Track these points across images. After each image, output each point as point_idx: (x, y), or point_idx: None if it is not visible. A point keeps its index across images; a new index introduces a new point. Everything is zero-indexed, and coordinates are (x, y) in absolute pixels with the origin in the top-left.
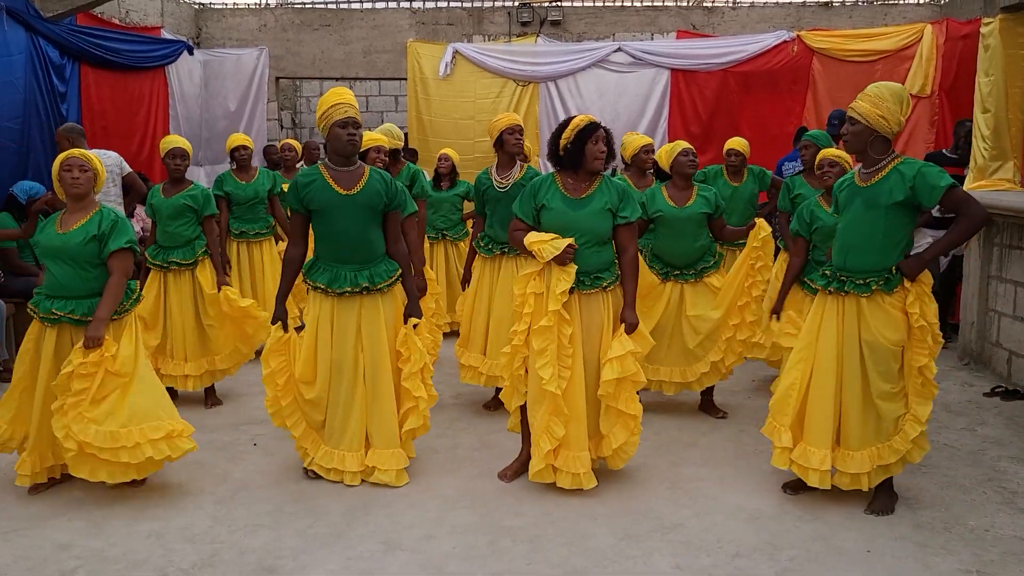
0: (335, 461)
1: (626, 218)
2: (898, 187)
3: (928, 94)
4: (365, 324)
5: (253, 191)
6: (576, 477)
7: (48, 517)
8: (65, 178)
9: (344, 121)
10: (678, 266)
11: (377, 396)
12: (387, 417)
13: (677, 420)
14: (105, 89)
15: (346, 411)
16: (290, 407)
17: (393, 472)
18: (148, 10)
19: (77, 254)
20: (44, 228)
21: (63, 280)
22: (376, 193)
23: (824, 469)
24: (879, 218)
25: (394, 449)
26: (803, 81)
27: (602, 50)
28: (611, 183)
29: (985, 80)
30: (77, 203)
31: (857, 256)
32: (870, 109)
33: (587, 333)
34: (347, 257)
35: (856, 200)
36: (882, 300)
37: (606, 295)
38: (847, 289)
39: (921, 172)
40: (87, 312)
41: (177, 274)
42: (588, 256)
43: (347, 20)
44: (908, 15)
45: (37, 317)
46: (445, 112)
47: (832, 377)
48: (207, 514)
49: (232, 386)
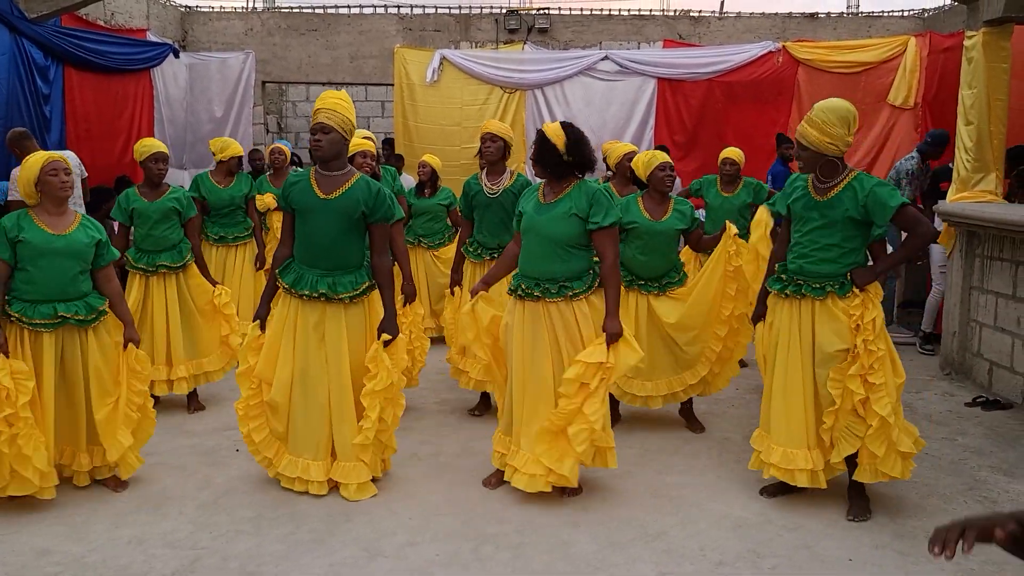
0: (299, 470)
1: (597, 223)
2: (852, 204)
3: (912, 105)
4: (328, 333)
5: (229, 196)
6: (531, 479)
7: (27, 522)
8: (54, 182)
9: (314, 127)
10: (643, 277)
11: (339, 407)
12: (348, 429)
13: (661, 429)
14: (89, 91)
15: (309, 418)
16: (256, 408)
17: (353, 486)
18: (134, 12)
19: (83, 254)
20: (26, 228)
21: (59, 282)
22: (354, 201)
23: (811, 468)
24: (836, 232)
25: (355, 462)
26: (788, 91)
27: (589, 58)
28: (585, 189)
29: (968, 93)
30: (59, 207)
31: (813, 264)
32: (818, 136)
33: (554, 344)
34: (316, 261)
35: (813, 214)
36: (833, 303)
37: (579, 304)
38: (804, 292)
39: (873, 191)
40: (88, 312)
41: (162, 277)
42: (550, 263)
43: (334, 25)
44: (892, 27)
45: (25, 325)
46: (432, 118)
47: (799, 377)
48: (189, 519)
49: (215, 391)
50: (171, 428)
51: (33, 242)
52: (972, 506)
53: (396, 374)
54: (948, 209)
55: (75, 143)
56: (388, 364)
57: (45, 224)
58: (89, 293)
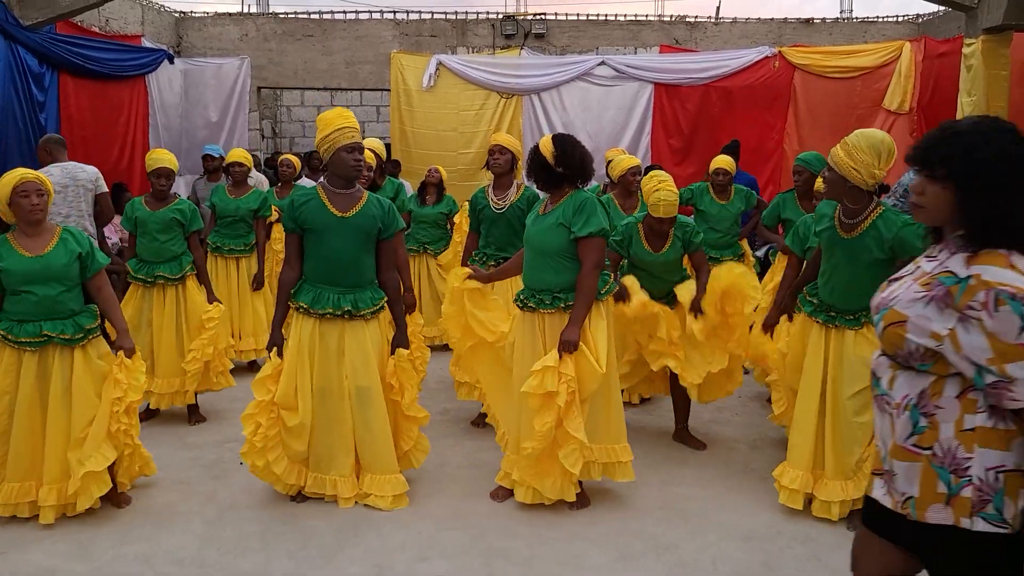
0: (327, 487)
1: (575, 232)
2: (877, 245)
3: (907, 110)
4: (349, 350)
5: (235, 207)
6: (533, 492)
7: (31, 540)
8: (23, 204)
9: (351, 146)
10: (654, 296)
11: (368, 423)
12: (381, 443)
13: (666, 438)
14: (84, 98)
15: (333, 437)
16: (275, 439)
17: (389, 497)
18: (128, 18)
19: (63, 275)
20: (3, 256)
21: (45, 303)
22: (371, 218)
23: (793, 488)
24: (861, 270)
25: (391, 475)
26: (784, 96)
27: (586, 63)
28: (575, 198)
29: (967, 100)
30: (35, 228)
31: (845, 298)
32: (844, 159)
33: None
34: (334, 280)
35: (838, 250)
36: (869, 331)
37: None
38: (837, 323)
39: (901, 235)
40: (75, 331)
41: (162, 289)
42: (543, 273)
43: (330, 31)
44: (887, 33)
45: (10, 343)
46: (428, 123)
47: (814, 400)
48: (195, 536)
49: (214, 402)
50: (173, 441)
51: (11, 269)
52: None
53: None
54: None
55: (70, 150)
56: (413, 373)
57: (22, 247)
58: (80, 311)
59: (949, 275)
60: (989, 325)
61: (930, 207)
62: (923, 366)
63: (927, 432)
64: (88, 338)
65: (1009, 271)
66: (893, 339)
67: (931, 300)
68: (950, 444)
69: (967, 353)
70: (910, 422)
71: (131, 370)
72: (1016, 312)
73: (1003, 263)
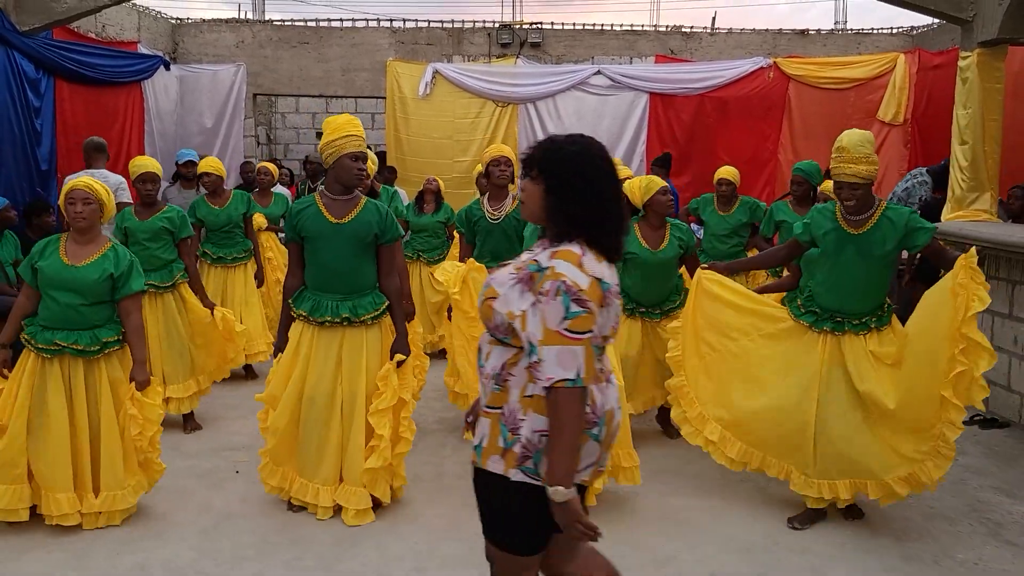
0: (309, 495)
1: None
2: (890, 236)
3: (901, 122)
4: (346, 357)
5: (226, 216)
6: None
7: (26, 549)
8: (69, 211)
9: (356, 155)
10: (644, 304)
11: (351, 431)
12: (357, 454)
13: (663, 448)
14: (80, 104)
15: (320, 444)
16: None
17: (352, 511)
18: (125, 24)
19: (89, 290)
20: (47, 255)
21: (67, 312)
22: (367, 224)
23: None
24: (874, 266)
25: (357, 487)
26: (779, 106)
27: (582, 72)
28: None
29: (963, 113)
30: (83, 235)
31: (854, 301)
32: (867, 169)
33: None
34: (332, 287)
35: (848, 247)
36: (878, 333)
37: None
38: (844, 329)
39: (910, 221)
40: (90, 343)
41: (153, 297)
42: None
43: (326, 38)
44: (881, 44)
45: (32, 348)
46: (424, 131)
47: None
48: (191, 546)
49: (210, 409)
50: (168, 449)
51: (45, 271)
52: (976, 527)
53: (407, 394)
54: (944, 228)
55: (65, 156)
56: (395, 383)
57: (66, 252)
58: (102, 324)
59: (535, 264)
60: (543, 310)
61: (528, 203)
62: (506, 339)
63: (499, 394)
64: (106, 351)
65: (575, 268)
66: (486, 311)
67: (518, 282)
68: (514, 407)
69: (529, 332)
70: (492, 386)
71: (143, 404)
72: (563, 303)
73: (574, 261)
